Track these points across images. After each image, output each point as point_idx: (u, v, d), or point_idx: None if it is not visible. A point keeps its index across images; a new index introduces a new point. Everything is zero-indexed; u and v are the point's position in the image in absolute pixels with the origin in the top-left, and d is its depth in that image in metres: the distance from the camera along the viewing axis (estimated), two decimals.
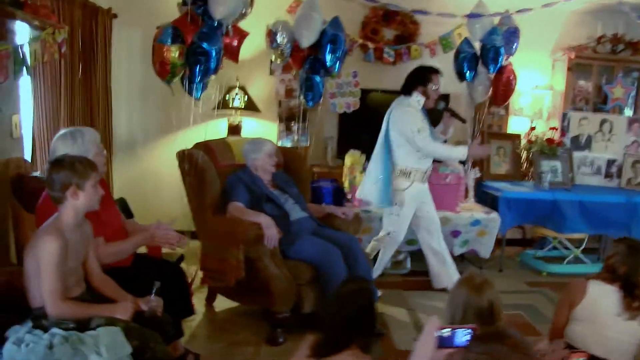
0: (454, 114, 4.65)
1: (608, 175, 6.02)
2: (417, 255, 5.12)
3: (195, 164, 3.93)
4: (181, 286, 3.18)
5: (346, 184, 5.31)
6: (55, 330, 2.29)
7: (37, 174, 3.68)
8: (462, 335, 1.84)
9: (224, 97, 5.35)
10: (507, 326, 2.11)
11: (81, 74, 4.66)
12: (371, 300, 2.43)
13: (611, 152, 6.01)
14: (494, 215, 5.15)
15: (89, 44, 4.87)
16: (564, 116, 6.03)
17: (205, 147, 4.12)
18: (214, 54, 3.62)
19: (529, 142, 5.72)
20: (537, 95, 6.12)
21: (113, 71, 5.31)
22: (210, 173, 3.96)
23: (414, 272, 5.23)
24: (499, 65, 5.23)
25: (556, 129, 5.94)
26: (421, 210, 4.63)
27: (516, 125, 6.29)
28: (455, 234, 5.08)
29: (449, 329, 1.84)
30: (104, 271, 2.79)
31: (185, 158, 4.01)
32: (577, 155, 5.92)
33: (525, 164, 6.11)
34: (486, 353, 1.57)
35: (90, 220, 2.69)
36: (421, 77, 4.43)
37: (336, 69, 4.64)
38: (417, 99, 4.43)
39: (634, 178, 5.94)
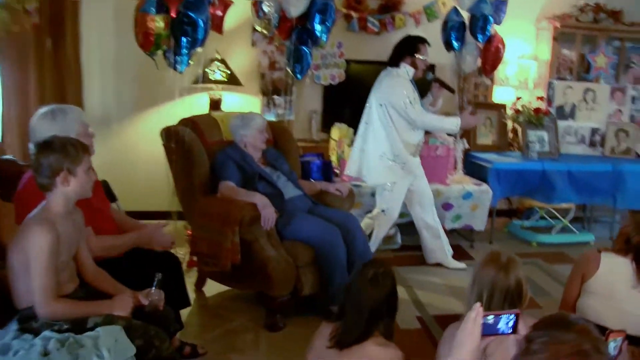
0: (444, 85, 4.53)
1: (592, 144, 5.99)
2: (407, 230, 5.02)
3: (182, 142, 3.71)
4: (177, 275, 2.97)
5: (334, 158, 5.14)
6: (47, 333, 2.07)
7: (9, 157, 3.43)
8: (507, 321, 1.70)
9: (204, 70, 5.08)
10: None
11: (51, 46, 4.36)
12: (394, 283, 2.28)
13: (595, 121, 5.96)
14: (485, 187, 5.05)
15: (56, 15, 4.56)
16: (550, 85, 5.94)
17: (191, 123, 3.89)
18: (201, 24, 3.38)
19: (516, 112, 5.61)
20: (523, 65, 6.00)
21: (83, 43, 5.00)
22: (198, 151, 3.75)
23: (405, 246, 5.10)
24: (487, 34, 5.08)
25: (542, 99, 5.85)
26: (414, 184, 4.51)
27: (501, 95, 6.18)
28: (447, 207, 4.96)
29: (492, 315, 1.69)
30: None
31: (170, 135, 3.79)
32: (561, 124, 5.84)
33: (511, 134, 6.01)
34: (553, 343, 1.41)
35: (80, 208, 2.45)
36: (409, 47, 4.27)
37: (324, 40, 4.43)
38: (405, 70, 4.27)
39: (617, 146, 5.91)
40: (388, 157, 4.31)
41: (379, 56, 5.69)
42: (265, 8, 4.15)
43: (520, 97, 5.80)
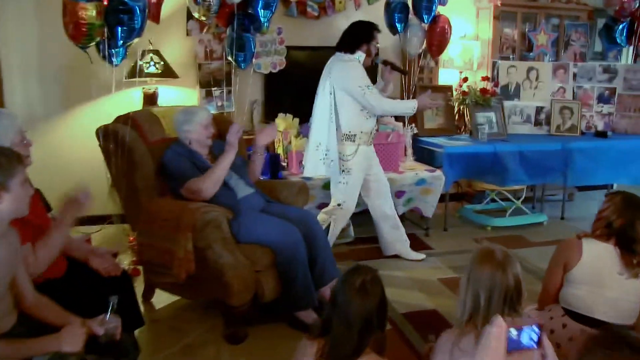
0: (395, 67, 4.31)
1: (537, 123, 5.94)
2: (359, 220, 4.85)
3: (122, 142, 3.37)
4: (129, 292, 2.66)
5: (280, 151, 4.88)
6: None
7: None
8: (529, 335, 1.52)
9: (136, 63, 4.71)
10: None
11: None
12: (384, 290, 2.05)
13: (539, 99, 5.92)
14: (439, 173, 4.90)
15: None
16: (494, 65, 5.86)
17: (130, 121, 3.55)
18: (138, 11, 3.04)
19: (463, 93, 5.49)
20: (466, 45, 5.88)
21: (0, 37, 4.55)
22: (141, 151, 3.43)
23: (359, 239, 4.92)
24: (432, 14, 4.92)
25: (488, 79, 5.75)
26: (370, 174, 4.30)
27: (446, 77, 6.05)
28: (400, 194, 4.79)
29: (515, 329, 1.50)
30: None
31: (108, 135, 3.45)
32: (507, 104, 5.78)
33: (457, 117, 5.89)
34: None
35: (15, 226, 2.08)
36: (366, 34, 4.08)
37: (266, 26, 4.15)
38: (357, 56, 4.05)
39: (562, 124, 5.89)
40: (341, 146, 4.07)
41: (319, 41, 5.50)
42: None
43: (466, 79, 5.68)
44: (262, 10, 3.98)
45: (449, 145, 5.16)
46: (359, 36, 4.06)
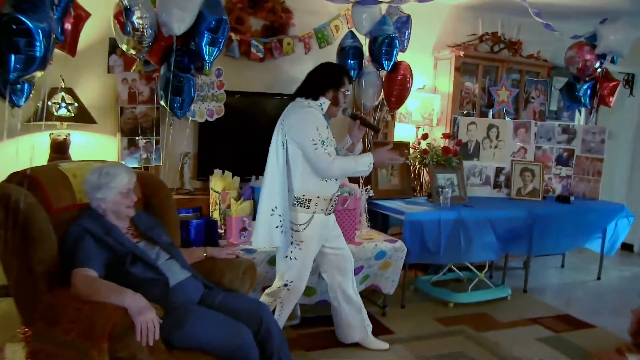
0: (365, 122, 3.57)
1: (497, 185, 5.45)
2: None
3: (15, 210, 2.50)
4: None
5: (216, 215, 4.09)
6: None
7: None
8: None
9: (44, 104, 3.84)
10: None
11: None
12: None
13: (499, 160, 5.45)
14: (400, 244, 4.23)
15: None
16: (454, 121, 5.33)
17: (28, 180, 2.68)
18: (40, 35, 2.23)
19: (424, 152, 4.90)
20: (425, 99, 5.33)
21: None
22: (41, 223, 2.57)
23: (305, 321, 4.15)
24: (393, 60, 4.34)
25: (450, 136, 5.20)
26: (327, 247, 3.57)
27: (402, 132, 5.46)
28: (357, 270, 4.07)
29: None
30: None
31: None
32: (465, 164, 5.25)
33: (415, 178, 5.29)
34: None
35: None
36: (334, 78, 3.36)
37: (210, 66, 3.41)
38: (321, 103, 3.35)
39: (523, 187, 5.41)
40: (279, 212, 3.31)
41: (263, 87, 4.83)
42: (136, 22, 3.03)
43: (426, 135, 5.11)
44: (207, 47, 3.22)
45: (409, 210, 4.51)
46: (324, 79, 3.36)
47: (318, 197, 3.34)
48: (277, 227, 3.28)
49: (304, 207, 3.33)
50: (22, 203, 2.50)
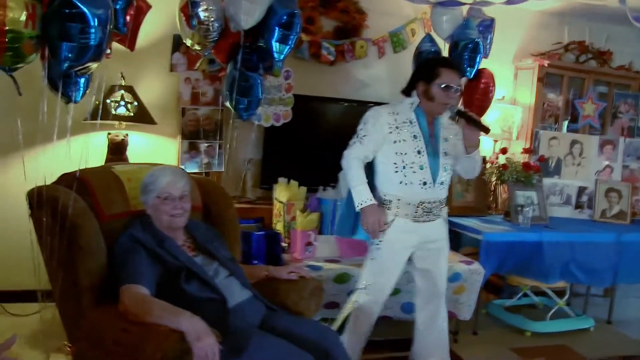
0: (470, 120, 2.98)
1: (579, 205, 4.99)
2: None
3: (63, 216, 2.28)
4: None
5: (280, 227, 3.80)
6: None
7: None
8: None
9: (102, 101, 3.64)
10: None
11: None
12: None
13: (582, 178, 4.99)
14: (476, 265, 3.87)
15: None
16: (535, 136, 4.92)
17: (78, 183, 2.46)
18: (94, 21, 1.98)
19: (503, 167, 4.50)
20: (506, 110, 4.93)
21: None
22: (89, 231, 2.34)
23: (371, 343, 3.75)
24: (477, 66, 3.97)
25: (531, 151, 4.79)
26: (418, 265, 3.19)
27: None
28: None
29: None
30: None
31: (42, 203, 2.35)
32: (545, 182, 4.82)
33: (490, 194, 4.90)
34: None
35: None
36: (425, 70, 3.00)
37: (280, 65, 3.14)
38: (410, 101, 3.03)
39: (608, 209, 4.94)
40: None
41: (332, 92, 4.53)
42: (202, 14, 2.78)
43: (505, 149, 4.72)
44: (277, 44, 2.94)
45: (487, 230, 4.13)
46: (415, 73, 3.06)
47: (398, 200, 3.01)
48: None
49: (385, 207, 3.04)
50: (69, 208, 2.26)
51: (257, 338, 2.29)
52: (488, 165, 4.73)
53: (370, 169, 3.07)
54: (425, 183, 2.97)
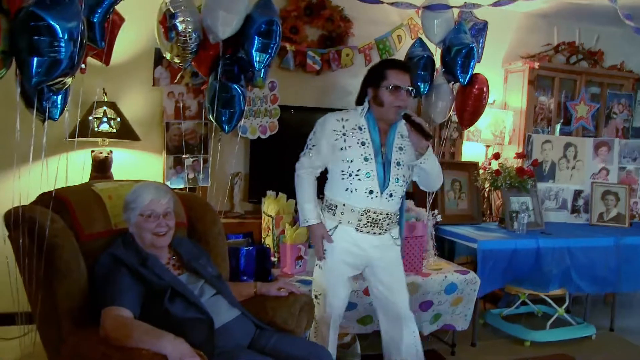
0: (414, 125, 2.77)
1: (575, 210, 4.93)
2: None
3: (40, 236, 2.18)
4: None
5: (269, 242, 3.72)
6: None
7: None
8: None
9: (83, 118, 3.56)
10: None
11: None
12: None
13: (577, 182, 4.92)
14: (472, 275, 3.77)
15: None
16: (528, 139, 4.85)
17: (57, 202, 2.37)
18: (64, 35, 1.90)
19: (496, 173, 4.43)
20: (497, 115, 4.86)
21: None
22: (68, 252, 2.24)
23: (366, 358, 3.70)
24: (470, 73, 3.89)
25: (524, 156, 4.72)
26: (371, 281, 3.05)
27: (470, 151, 5.01)
28: (425, 306, 3.64)
29: None
30: None
31: (19, 225, 2.26)
32: (539, 187, 4.76)
33: (484, 201, 4.82)
34: None
35: None
36: (371, 75, 2.89)
37: (262, 75, 3.05)
38: (360, 108, 2.91)
39: (605, 213, 4.87)
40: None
41: (317, 101, 4.46)
42: (180, 25, 2.70)
43: (498, 154, 4.64)
44: (257, 54, 2.85)
45: (481, 238, 4.05)
46: (364, 80, 2.93)
47: (344, 205, 2.87)
48: None
49: (330, 212, 2.93)
50: (47, 229, 2.17)
51: (246, 359, 2.20)
52: (481, 171, 4.65)
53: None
54: (371, 192, 2.82)
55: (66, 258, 2.22)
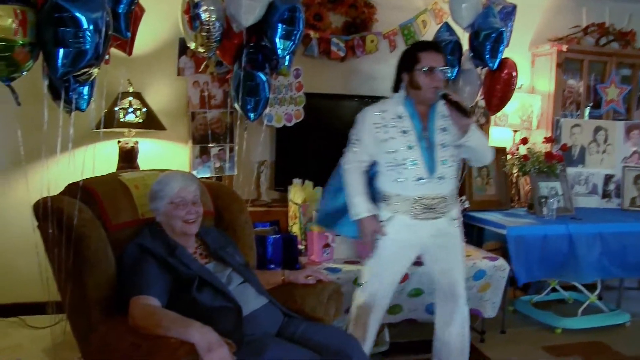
0: (452, 103, 2.71)
1: (606, 194, 4.84)
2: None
3: (68, 227, 2.20)
4: None
5: (296, 230, 3.71)
6: None
7: None
8: None
9: (109, 108, 3.58)
10: None
11: None
12: None
13: (607, 166, 4.83)
14: (501, 261, 3.72)
15: None
16: (556, 124, 4.77)
17: (84, 192, 2.39)
18: (90, 25, 1.90)
19: (525, 158, 4.36)
20: (524, 99, 4.78)
21: None
22: (96, 242, 2.26)
23: (395, 346, 3.70)
24: (499, 57, 3.82)
25: (553, 141, 4.64)
26: (430, 265, 3.07)
27: (497, 136, 4.94)
28: None
29: None
30: None
31: (48, 215, 2.28)
32: (569, 171, 4.67)
33: (512, 187, 4.75)
34: None
35: None
36: (404, 59, 2.85)
37: (287, 62, 3.04)
38: (397, 95, 2.88)
39: (638, 197, 4.77)
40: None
41: (342, 88, 4.43)
42: (204, 14, 2.69)
43: (526, 139, 4.57)
44: (280, 41, 2.84)
45: (510, 224, 4.00)
46: (398, 66, 2.89)
47: (398, 195, 2.84)
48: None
49: (384, 203, 2.90)
50: (74, 218, 2.19)
51: (274, 346, 2.19)
52: (509, 157, 4.59)
53: None
54: (420, 179, 2.78)
55: (94, 248, 2.23)
